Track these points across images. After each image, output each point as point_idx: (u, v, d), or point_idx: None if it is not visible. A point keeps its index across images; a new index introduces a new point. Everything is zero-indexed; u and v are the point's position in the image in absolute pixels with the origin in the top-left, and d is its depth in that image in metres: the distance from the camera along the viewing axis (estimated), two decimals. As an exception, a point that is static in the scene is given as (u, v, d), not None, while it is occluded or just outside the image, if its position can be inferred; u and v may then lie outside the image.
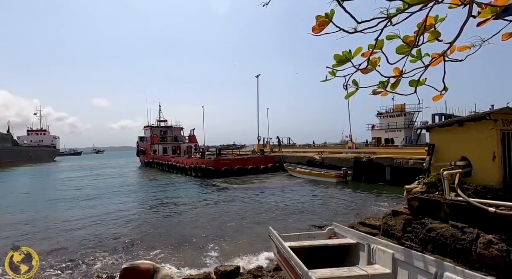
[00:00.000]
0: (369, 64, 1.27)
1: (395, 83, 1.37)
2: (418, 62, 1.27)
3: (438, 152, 4.96)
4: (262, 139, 34.48)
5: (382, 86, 1.36)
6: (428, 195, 4.49)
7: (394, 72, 1.33)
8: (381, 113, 37.42)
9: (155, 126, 39.67)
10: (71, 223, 9.56)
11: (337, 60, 1.24)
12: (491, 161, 4.17)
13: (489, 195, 3.95)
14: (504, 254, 3.26)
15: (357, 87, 1.34)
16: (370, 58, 1.26)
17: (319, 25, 1.13)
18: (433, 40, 1.23)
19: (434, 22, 1.17)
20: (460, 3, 1.06)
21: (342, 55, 1.22)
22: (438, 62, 1.26)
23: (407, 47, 1.22)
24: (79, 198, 14.79)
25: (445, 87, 1.30)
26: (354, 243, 3.90)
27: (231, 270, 4.99)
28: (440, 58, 1.25)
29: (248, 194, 14.41)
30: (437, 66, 1.30)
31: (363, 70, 1.30)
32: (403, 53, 1.23)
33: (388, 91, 1.38)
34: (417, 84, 1.31)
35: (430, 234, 4.17)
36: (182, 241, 7.26)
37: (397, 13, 1.10)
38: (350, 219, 8.49)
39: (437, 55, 1.25)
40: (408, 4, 1.06)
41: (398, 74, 1.34)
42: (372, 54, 1.25)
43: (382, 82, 1.35)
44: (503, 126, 4.21)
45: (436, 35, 1.22)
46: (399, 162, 14.96)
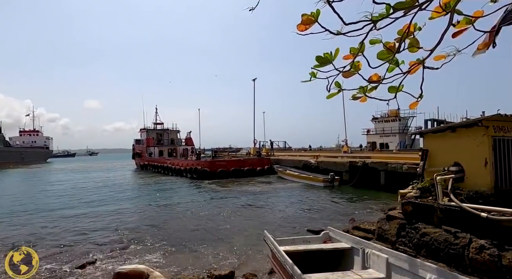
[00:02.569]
0: (352, 67, 1.28)
1: (372, 88, 1.37)
2: (396, 69, 1.29)
3: (431, 157, 5.03)
4: (258, 142, 34.51)
5: (362, 91, 1.37)
6: (422, 200, 4.53)
7: (373, 78, 1.34)
8: (376, 118, 37.81)
9: (151, 129, 39.44)
10: (64, 225, 9.39)
11: (319, 62, 1.25)
12: (483, 166, 4.24)
13: (481, 200, 4.01)
14: (496, 259, 3.30)
15: (339, 89, 1.35)
16: (353, 61, 1.27)
17: (304, 23, 1.14)
18: (413, 48, 1.25)
19: (413, 30, 1.20)
20: (441, 11, 1.08)
21: (324, 56, 1.23)
22: (416, 69, 1.28)
23: (388, 53, 1.24)
24: (73, 200, 14.57)
25: (421, 94, 1.32)
26: (349, 248, 3.90)
27: (225, 274, 4.94)
28: (419, 66, 1.27)
29: (243, 197, 14.36)
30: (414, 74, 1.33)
31: (345, 74, 1.31)
32: (383, 59, 1.25)
33: (367, 96, 1.39)
34: (396, 90, 1.33)
35: (423, 238, 4.20)
36: (176, 244, 7.19)
37: (382, 18, 1.12)
38: (345, 223, 8.51)
39: (415, 63, 1.27)
40: (393, 8, 1.08)
41: (377, 80, 1.34)
42: (356, 57, 1.26)
43: (362, 87, 1.37)
44: (494, 132, 4.29)
45: (415, 42, 1.25)
46: (393, 166, 15.07)
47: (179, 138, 40.04)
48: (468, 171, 4.42)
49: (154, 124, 40.48)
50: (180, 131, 40.49)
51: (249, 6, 1.34)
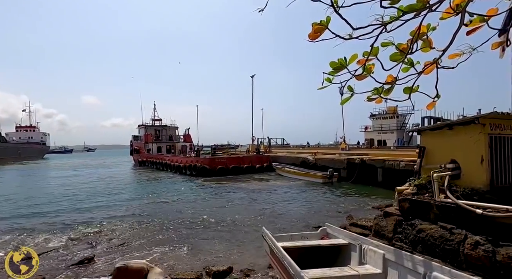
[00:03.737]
0: (364, 70, 1.30)
1: (389, 89, 1.39)
2: (411, 69, 1.30)
3: (428, 154, 5.06)
4: (257, 139, 34.54)
5: (376, 93, 1.38)
6: (419, 197, 4.58)
7: (388, 79, 1.35)
8: (374, 115, 37.93)
9: (150, 125, 39.30)
10: (62, 221, 9.38)
11: (333, 68, 1.26)
12: (479, 164, 4.29)
13: (477, 197, 4.06)
14: (490, 254, 3.36)
15: (352, 93, 1.36)
16: (365, 64, 1.29)
17: (315, 32, 1.15)
18: (426, 48, 1.26)
19: (426, 30, 1.20)
20: (452, 12, 1.09)
21: (338, 62, 1.24)
22: (431, 70, 1.29)
23: (400, 54, 1.25)
24: (71, 197, 14.53)
25: (438, 94, 1.33)
26: (346, 244, 3.95)
27: (224, 269, 4.99)
28: (433, 66, 1.28)
29: (241, 194, 14.42)
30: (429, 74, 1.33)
31: (358, 77, 1.32)
32: (396, 61, 1.26)
33: (382, 97, 1.40)
34: (411, 91, 1.34)
35: (419, 235, 4.26)
36: (175, 240, 7.23)
37: (392, 21, 1.13)
38: (343, 219, 8.59)
39: (430, 63, 1.28)
40: (403, 11, 1.09)
41: (392, 81, 1.37)
42: (368, 61, 1.27)
43: (376, 89, 1.38)
44: (491, 130, 4.33)
45: (428, 43, 1.26)
46: (391, 163, 15.17)
47: (177, 135, 39.96)
48: (465, 168, 4.47)
49: (152, 121, 40.35)
50: (178, 127, 40.44)
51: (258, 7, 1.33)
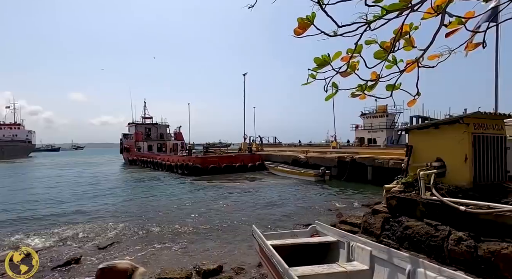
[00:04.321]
0: (348, 67, 1.31)
1: (371, 86, 1.43)
2: (394, 67, 1.34)
3: (415, 153, 5.18)
4: (248, 138, 34.53)
5: (360, 89, 1.41)
6: (406, 194, 4.68)
7: (372, 76, 1.38)
8: (365, 114, 38.50)
9: (140, 123, 38.70)
10: (48, 221, 9.13)
11: (317, 64, 1.27)
12: (463, 162, 4.41)
13: (461, 194, 4.18)
14: (472, 250, 3.47)
15: (336, 90, 1.38)
16: (349, 62, 1.31)
17: (301, 27, 1.16)
18: (408, 47, 1.29)
19: (409, 29, 1.23)
20: (433, 12, 1.12)
21: (322, 58, 1.25)
22: (412, 68, 1.32)
23: (384, 52, 1.27)
24: (58, 196, 14.16)
25: (418, 92, 1.37)
26: (334, 241, 4.00)
27: (214, 268, 4.98)
28: (414, 65, 1.31)
29: (233, 193, 14.40)
30: (410, 72, 1.37)
31: (343, 74, 1.34)
32: (380, 58, 1.28)
33: (366, 94, 1.43)
34: (393, 88, 1.38)
35: (406, 231, 4.36)
36: (165, 240, 7.15)
37: (376, 19, 1.15)
38: (333, 217, 8.71)
39: (411, 61, 1.32)
40: (386, 10, 1.11)
41: (375, 78, 1.39)
42: (352, 58, 1.29)
43: (360, 86, 1.40)
44: (475, 129, 4.46)
45: (410, 42, 1.29)
46: (380, 162, 15.45)
47: (168, 133, 39.51)
48: (450, 166, 4.59)
49: (142, 119, 39.74)
50: (169, 125, 39.98)
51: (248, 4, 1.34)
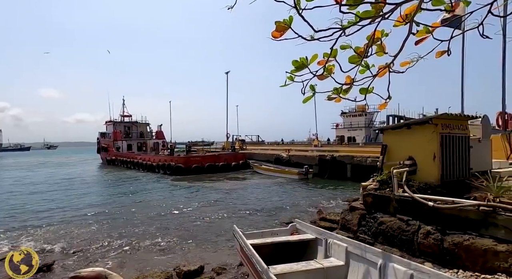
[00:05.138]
0: (325, 71, 1.36)
1: (347, 89, 1.49)
2: (367, 72, 1.41)
3: (389, 152, 5.43)
4: (231, 136, 34.41)
5: (336, 93, 1.47)
6: (380, 192, 4.90)
7: (346, 80, 1.44)
8: (345, 113, 39.63)
9: (119, 121, 37.24)
10: (17, 226, 8.53)
11: (295, 66, 1.30)
12: (432, 160, 4.70)
13: (430, 190, 4.45)
14: (439, 242, 3.72)
15: (313, 92, 1.42)
16: (326, 65, 1.37)
17: (278, 30, 1.18)
18: (380, 52, 1.36)
19: (381, 36, 1.30)
20: (402, 21, 1.20)
21: (300, 61, 1.28)
22: (384, 73, 1.40)
23: (358, 57, 1.34)
24: (29, 198, 13.30)
25: (389, 96, 1.46)
26: (313, 238, 4.11)
27: (195, 269, 4.93)
28: (386, 70, 1.39)
29: (216, 192, 14.30)
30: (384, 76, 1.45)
31: (320, 77, 1.39)
32: (354, 63, 1.34)
33: (341, 97, 1.50)
34: (366, 92, 1.45)
35: (380, 227, 4.58)
36: (143, 242, 6.94)
37: (350, 25, 1.20)
38: (314, 214, 8.92)
39: (383, 66, 1.40)
40: (360, 17, 1.17)
41: (350, 82, 1.46)
42: (328, 62, 1.34)
43: (336, 89, 1.47)
44: (442, 129, 4.76)
45: (382, 48, 1.36)
46: (359, 160, 16.02)
47: (149, 132, 38.38)
48: (420, 165, 4.86)
49: (121, 117, 38.28)
50: (150, 124, 38.86)
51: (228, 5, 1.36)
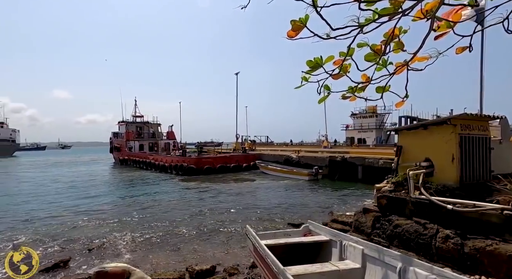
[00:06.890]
0: (340, 70, 1.33)
1: (362, 88, 1.46)
2: (384, 70, 1.37)
3: (405, 153, 5.30)
4: (241, 137, 34.49)
5: (351, 92, 1.43)
6: (395, 194, 4.79)
7: (362, 78, 1.40)
8: (355, 114, 39.06)
9: (131, 122, 38.01)
10: (37, 223, 8.88)
11: (310, 66, 1.28)
12: (450, 162, 4.55)
13: (448, 193, 4.32)
14: (459, 247, 3.59)
15: (329, 92, 1.40)
16: (342, 64, 1.34)
17: (294, 30, 1.16)
18: (398, 50, 1.32)
19: (399, 33, 1.26)
20: (423, 17, 1.14)
21: (314, 61, 1.26)
22: (402, 71, 1.35)
23: (374, 55, 1.30)
24: (48, 197, 13.79)
25: (406, 94, 1.40)
26: (327, 240, 4.06)
27: (207, 269, 4.96)
28: (404, 67, 1.35)
29: (227, 193, 14.35)
30: (400, 74, 1.41)
31: (335, 76, 1.36)
32: (371, 61, 1.31)
33: (356, 96, 1.45)
34: (383, 90, 1.41)
35: (396, 230, 4.47)
36: (157, 242, 7.06)
37: (368, 23, 1.17)
38: (325, 216, 8.82)
39: (401, 64, 1.35)
40: (378, 14, 1.14)
41: (366, 81, 1.42)
42: (344, 61, 1.31)
43: (351, 88, 1.43)
44: (461, 130, 4.61)
45: (400, 45, 1.32)
46: (370, 161, 15.74)
47: (160, 132, 38.98)
48: (437, 166, 4.72)
49: (133, 117, 39.06)
50: (161, 124, 39.46)
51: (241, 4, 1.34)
